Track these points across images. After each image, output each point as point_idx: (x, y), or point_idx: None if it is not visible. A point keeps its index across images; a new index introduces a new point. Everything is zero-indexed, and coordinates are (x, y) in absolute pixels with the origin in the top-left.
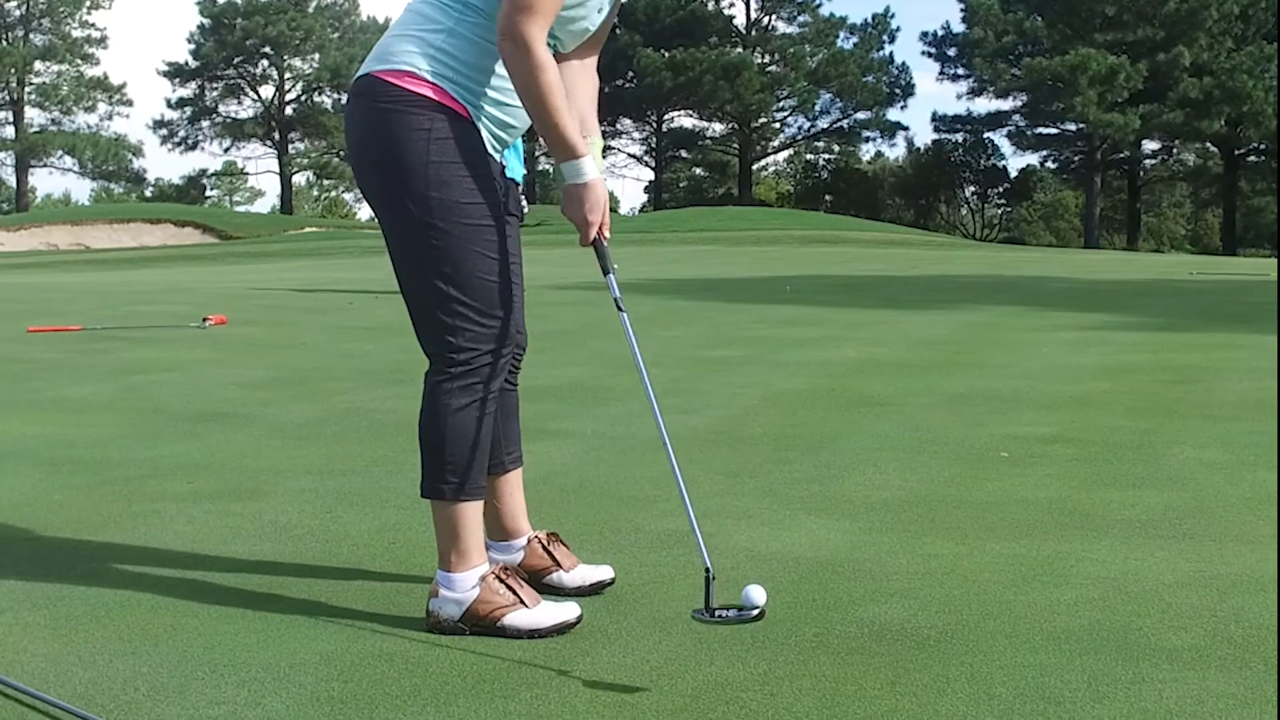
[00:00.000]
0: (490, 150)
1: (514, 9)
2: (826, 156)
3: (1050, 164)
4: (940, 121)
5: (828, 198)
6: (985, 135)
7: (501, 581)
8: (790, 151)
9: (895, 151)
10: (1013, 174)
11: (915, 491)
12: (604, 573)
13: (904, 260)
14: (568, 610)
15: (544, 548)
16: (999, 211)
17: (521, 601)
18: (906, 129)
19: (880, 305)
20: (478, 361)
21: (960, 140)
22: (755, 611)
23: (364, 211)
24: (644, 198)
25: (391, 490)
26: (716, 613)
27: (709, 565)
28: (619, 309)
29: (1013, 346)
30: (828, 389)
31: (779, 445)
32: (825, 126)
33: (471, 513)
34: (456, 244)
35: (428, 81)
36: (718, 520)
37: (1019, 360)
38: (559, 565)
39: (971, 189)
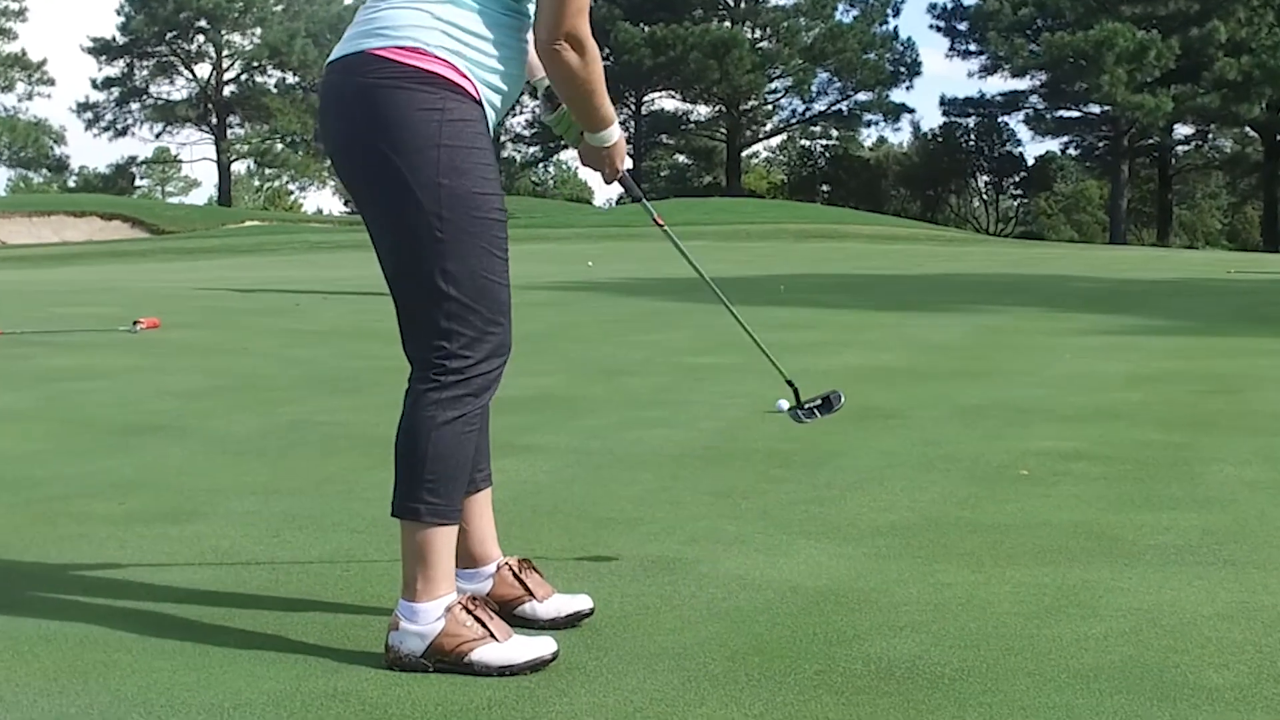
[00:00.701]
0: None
1: (571, 12)
2: (824, 142)
3: (1072, 151)
4: (950, 104)
5: (825, 188)
6: (1000, 119)
7: (469, 613)
8: (783, 137)
9: (900, 137)
10: (1030, 162)
11: (926, 513)
12: (581, 603)
13: (910, 257)
14: (542, 645)
15: (515, 575)
16: (1015, 203)
17: (491, 635)
18: (912, 112)
19: (884, 307)
20: (471, 372)
21: (972, 124)
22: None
23: (310, 203)
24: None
25: (345, 512)
26: (807, 407)
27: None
28: (658, 224)
29: (1032, 353)
30: None
31: (774, 461)
32: (822, 109)
33: (445, 538)
34: (463, 239)
35: (437, 57)
36: (706, 545)
37: (1039, 368)
38: (532, 595)
39: (984, 178)
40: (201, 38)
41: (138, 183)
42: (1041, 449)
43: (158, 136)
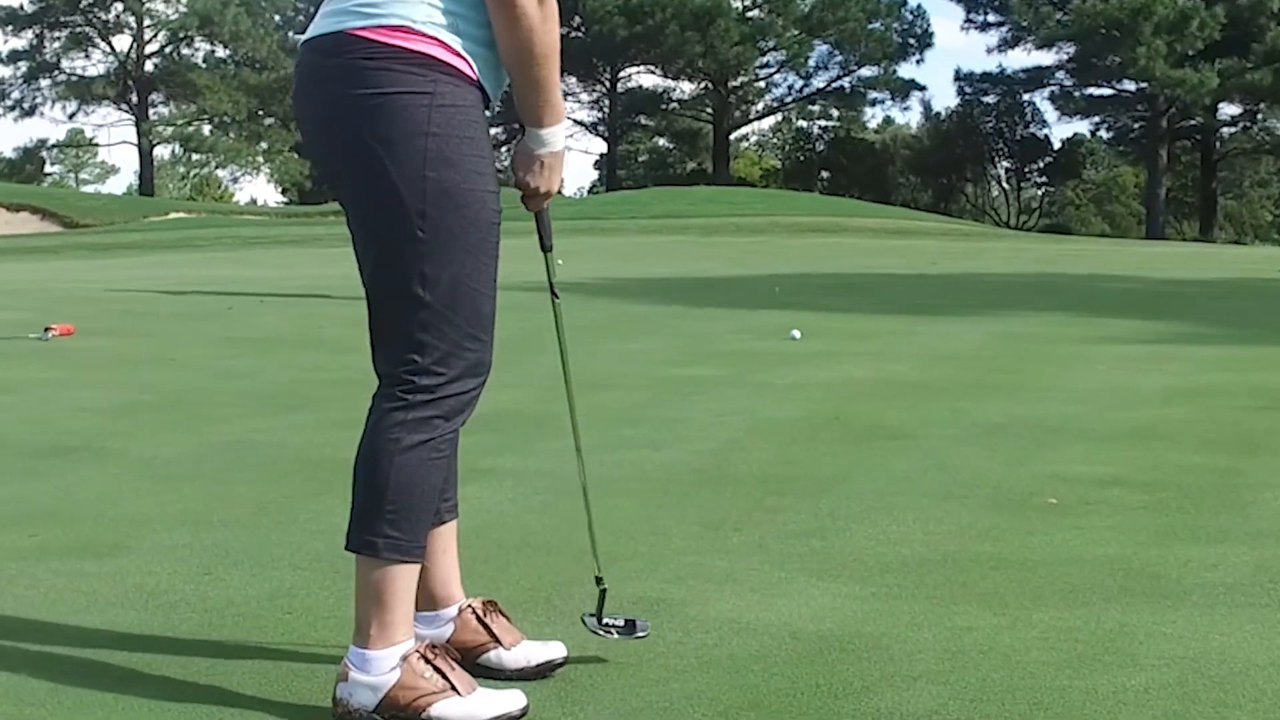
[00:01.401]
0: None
1: None
2: (823, 124)
3: (1104, 133)
4: (966, 80)
5: (824, 175)
6: (1022, 97)
7: (428, 662)
8: (777, 118)
9: (909, 117)
10: (1057, 146)
11: (942, 548)
12: (553, 650)
13: (921, 254)
14: (510, 699)
15: (479, 619)
16: (1039, 193)
17: (452, 687)
18: (923, 89)
19: (893, 311)
20: (442, 391)
21: (991, 103)
22: (644, 633)
23: (244, 193)
24: (594, 175)
25: (287, 545)
26: (606, 622)
27: (600, 576)
28: (553, 295)
29: (1060, 364)
30: (829, 417)
31: (770, 488)
32: (821, 86)
33: (406, 578)
34: (447, 240)
35: (425, 35)
36: (694, 584)
37: (1068, 381)
38: (498, 641)
39: (1005, 165)
40: (120, 6)
41: (48, 169)
42: (1072, 474)
43: (71, 117)
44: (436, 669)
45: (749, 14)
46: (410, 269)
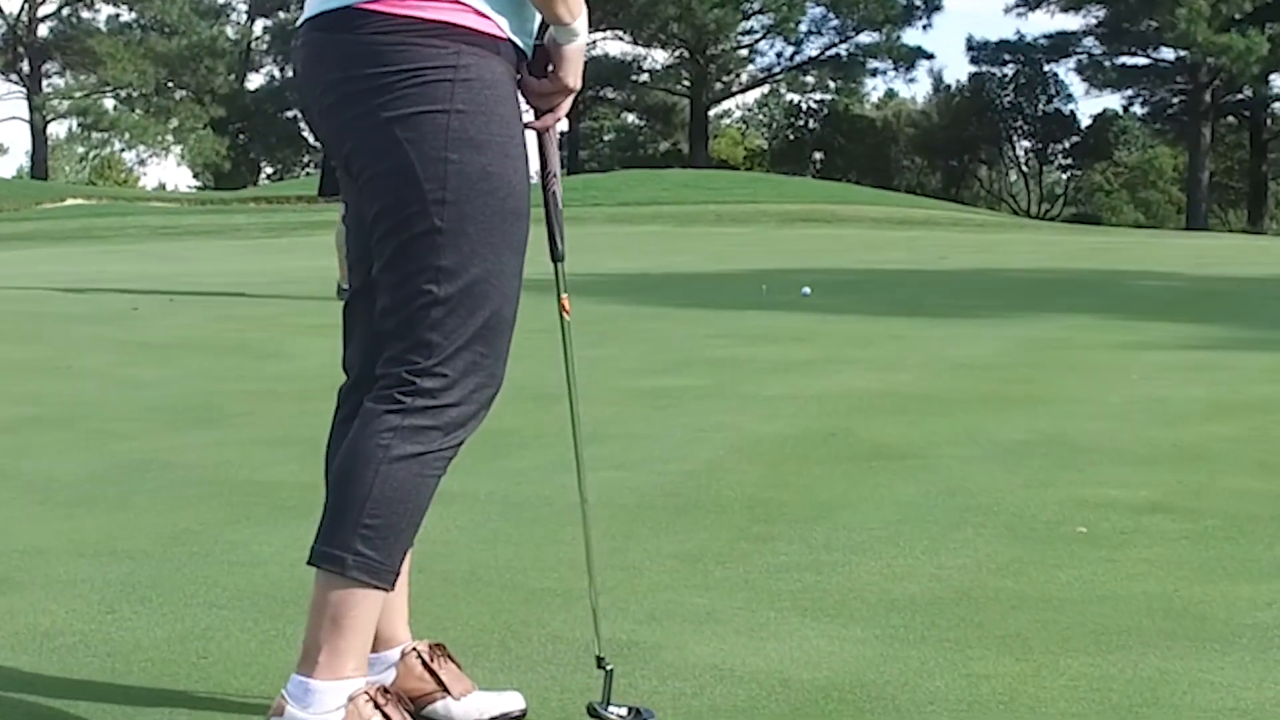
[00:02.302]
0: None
1: None
2: (816, 98)
3: (1138, 109)
4: (980, 49)
5: (818, 157)
6: (1045, 67)
7: (377, 708)
8: (764, 91)
9: (915, 91)
10: (1084, 123)
11: (955, 584)
12: (509, 702)
13: (929, 247)
14: None
15: (425, 665)
16: (1064, 177)
17: None
18: (931, 58)
19: (897, 312)
20: (446, 399)
21: (1009, 75)
22: None
23: (151, 177)
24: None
25: (201, 580)
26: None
27: (603, 657)
28: (562, 311)
29: (1089, 373)
30: (825, 434)
31: (757, 516)
32: (814, 55)
33: (369, 604)
34: (469, 230)
35: (447, 2)
36: (671, 625)
37: (1099, 393)
38: (445, 690)
39: (1025, 145)
40: None
41: None
42: (1104, 499)
43: None
44: (386, 717)
45: None
46: (425, 263)
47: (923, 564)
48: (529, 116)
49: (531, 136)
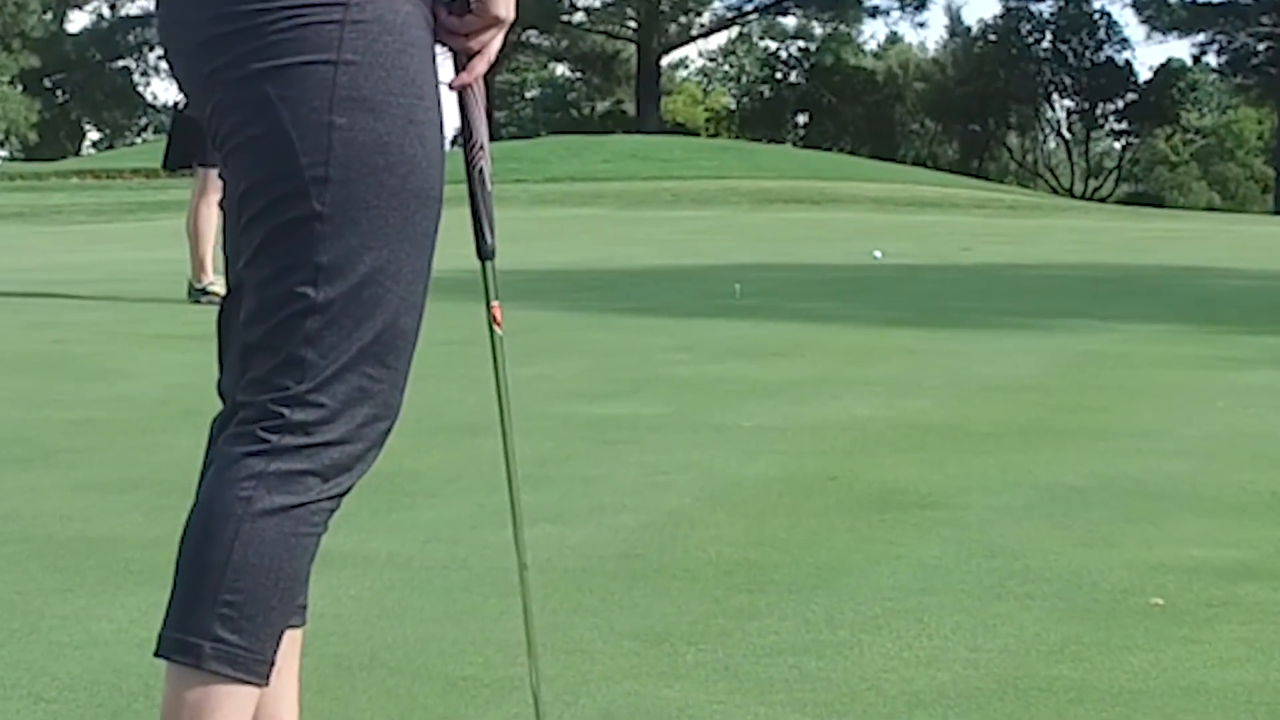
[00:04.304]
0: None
1: None
2: (799, 45)
3: (1213, 58)
4: None
5: (801, 120)
6: (1094, 4)
7: None
8: (731, 35)
9: (926, 35)
10: (1144, 77)
11: (996, 671)
12: None
13: (946, 235)
14: None
15: None
16: (1118, 146)
17: None
18: None
19: (909, 319)
20: (324, 435)
21: (1046, 14)
22: None
23: None
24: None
25: (22, 666)
26: None
27: None
28: (491, 323)
29: (1160, 398)
30: (822, 477)
31: (738, 583)
32: None
33: (238, 706)
34: (358, 217)
35: None
36: None
37: (1172, 424)
38: None
39: (1068, 104)
40: None
41: None
42: (1185, 561)
43: None
44: None
45: None
46: (300, 258)
47: (954, 646)
48: (447, 70)
49: (450, 95)
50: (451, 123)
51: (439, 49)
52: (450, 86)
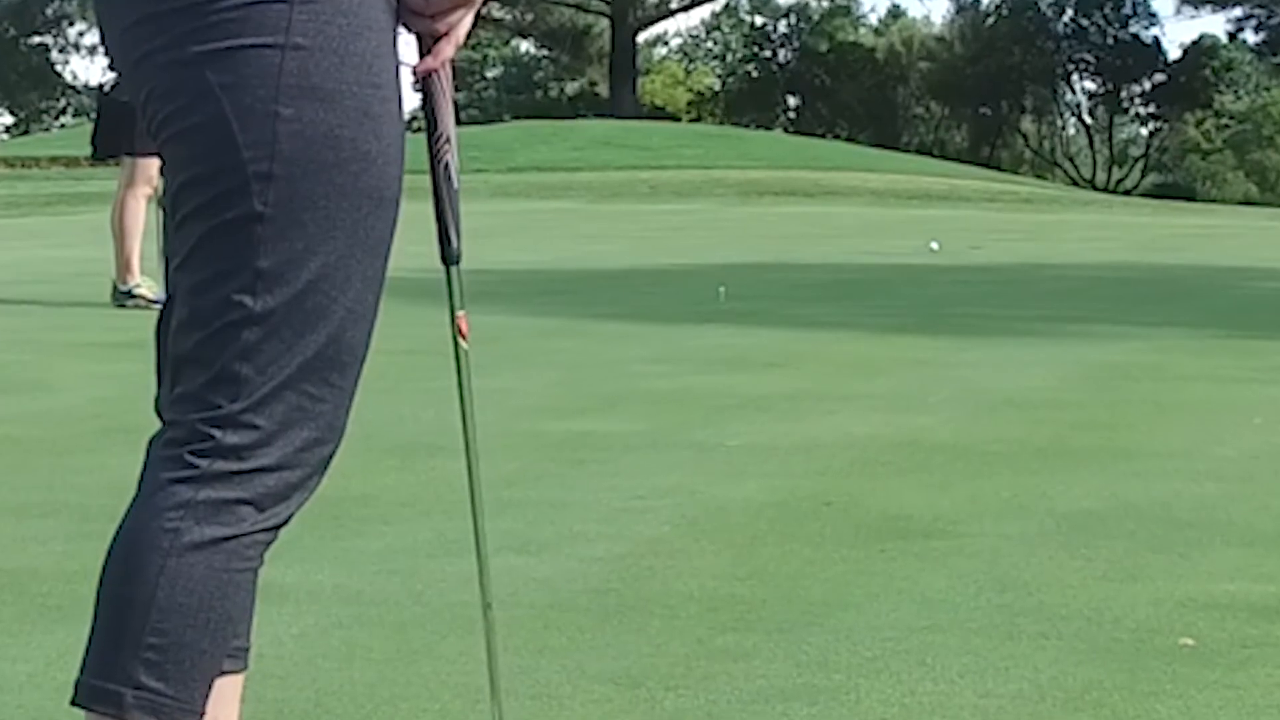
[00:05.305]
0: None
1: None
2: (791, 21)
3: (1250, 34)
4: None
5: (792, 102)
6: None
7: None
8: (714, 8)
9: (931, 9)
10: (1174, 55)
11: (1008, 718)
12: None
13: (955, 231)
14: None
15: None
16: (1145, 132)
17: None
18: None
19: (913, 326)
20: (259, 459)
21: None
22: None
23: None
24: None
25: None
26: None
27: None
28: (456, 334)
29: (1191, 415)
30: (817, 502)
31: (724, 621)
32: None
33: None
34: (304, 218)
35: None
36: None
37: (1205, 443)
38: None
39: (1089, 85)
40: None
41: None
42: (1219, 597)
43: None
44: None
45: None
46: (238, 262)
47: (961, 690)
48: (409, 55)
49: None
50: (411, 108)
51: (401, 31)
52: (414, 72)
